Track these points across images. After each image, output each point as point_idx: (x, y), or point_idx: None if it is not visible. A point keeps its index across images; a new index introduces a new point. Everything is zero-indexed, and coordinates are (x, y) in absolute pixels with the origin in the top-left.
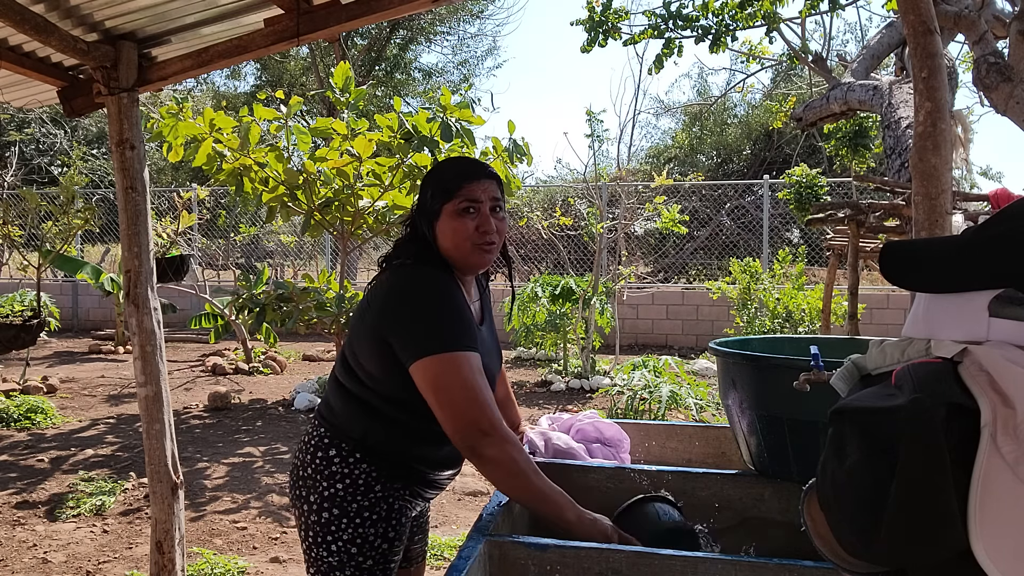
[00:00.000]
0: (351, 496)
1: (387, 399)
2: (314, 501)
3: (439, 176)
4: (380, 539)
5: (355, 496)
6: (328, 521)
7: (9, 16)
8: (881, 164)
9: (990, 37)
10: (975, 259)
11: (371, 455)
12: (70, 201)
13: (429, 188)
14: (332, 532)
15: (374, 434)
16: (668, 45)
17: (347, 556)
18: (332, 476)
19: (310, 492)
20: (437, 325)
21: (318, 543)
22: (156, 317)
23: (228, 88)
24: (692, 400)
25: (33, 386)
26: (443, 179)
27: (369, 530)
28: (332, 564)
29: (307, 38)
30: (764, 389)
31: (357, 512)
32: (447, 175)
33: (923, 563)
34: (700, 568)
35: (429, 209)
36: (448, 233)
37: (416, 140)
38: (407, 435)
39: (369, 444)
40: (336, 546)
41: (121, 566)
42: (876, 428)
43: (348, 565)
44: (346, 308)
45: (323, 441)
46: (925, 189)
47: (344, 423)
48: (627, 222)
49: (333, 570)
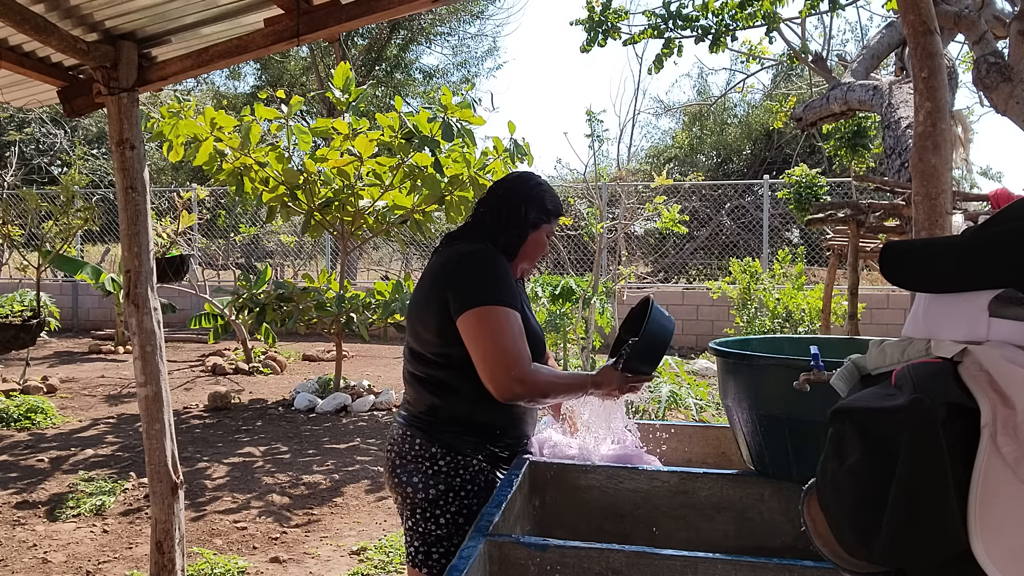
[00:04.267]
0: (452, 471)
1: (446, 366)
2: (419, 482)
3: (549, 200)
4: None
5: (456, 471)
6: (436, 497)
7: (9, 16)
8: (881, 164)
9: (990, 37)
10: (975, 259)
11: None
12: (70, 201)
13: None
14: (441, 506)
15: (444, 409)
16: (668, 45)
17: (455, 527)
18: (433, 457)
19: (412, 474)
20: (487, 282)
21: (427, 518)
22: (156, 317)
23: (228, 88)
24: (692, 400)
25: (33, 386)
26: (550, 205)
27: (473, 500)
28: (440, 535)
29: (307, 38)
30: (764, 389)
31: (461, 485)
32: (553, 202)
33: (923, 563)
34: (700, 568)
35: (529, 220)
36: (536, 244)
37: (417, 140)
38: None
39: (443, 420)
40: (445, 519)
41: (121, 566)
42: (876, 428)
43: (455, 534)
44: (346, 308)
45: (411, 429)
46: (925, 189)
47: (420, 408)
48: (627, 222)
49: (441, 540)
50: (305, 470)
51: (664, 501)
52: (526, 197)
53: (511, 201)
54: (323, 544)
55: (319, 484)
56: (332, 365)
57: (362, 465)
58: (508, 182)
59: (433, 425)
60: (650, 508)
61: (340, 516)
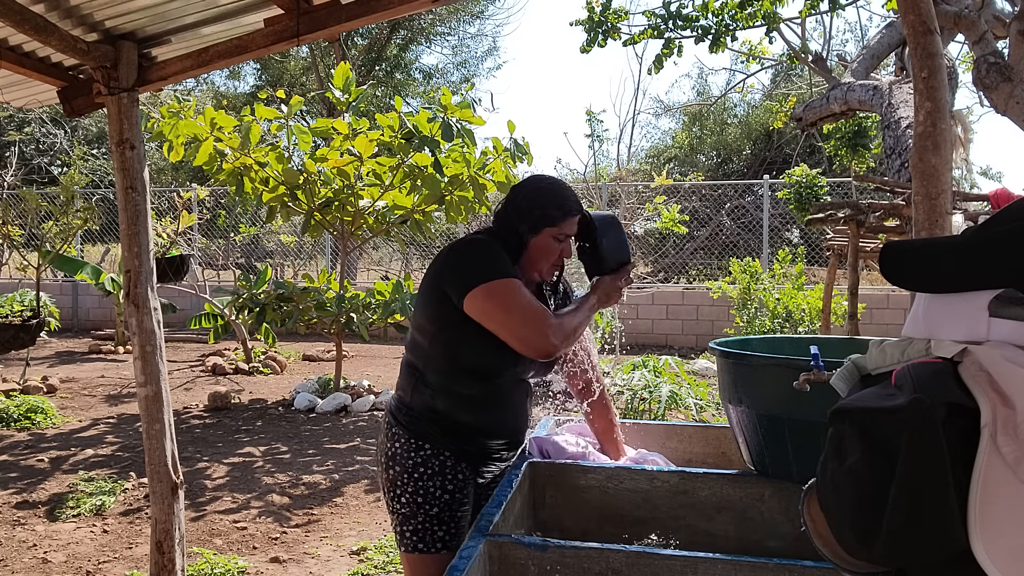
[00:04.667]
0: (405, 454)
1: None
2: (383, 461)
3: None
4: (439, 489)
5: (408, 454)
6: (394, 477)
7: (9, 16)
8: (881, 164)
9: (990, 37)
10: (975, 259)
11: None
12: (70, 201)
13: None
14: (399, 486)
15: (412, 394)
16: (668, 45)
17: (415, 506)
18: (393, 437)
19: (382, 454)
20: (481, 263)
21: (392, 497)
22: (156, 317)
23: (228, 88)
24: (692, 400)
25: (33, 386)
26: (552, 207)
27: (428, 483)
28: (404, 514)
29: (307, 38)
30: (764, 389)
31: (414, 467)
32: (556, 205)
33: (923, 563)
34: (700, 568)
35: (531, 224)
36: (540, 249)
37: (417, 140)
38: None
39: (406, 404)
40: (405, 498)
41: (121, 566)
42: (876, 428)
43: (418, 513)
44: (346, 308)
45: (388, 414)
46: (925, 189)
47: (403, 393)
48: (627, 222)
49: (407, 519)
50: (305, 470)
51: (664, 501)
52: (519, 205)
53: (506, 209)
54: (323, 544)
55: (319, 484)
56: (332, 365)
57: (362, 465)
58: (513, 189)
59: (400, 409)
60: (650, 508)
61: (340, 516)
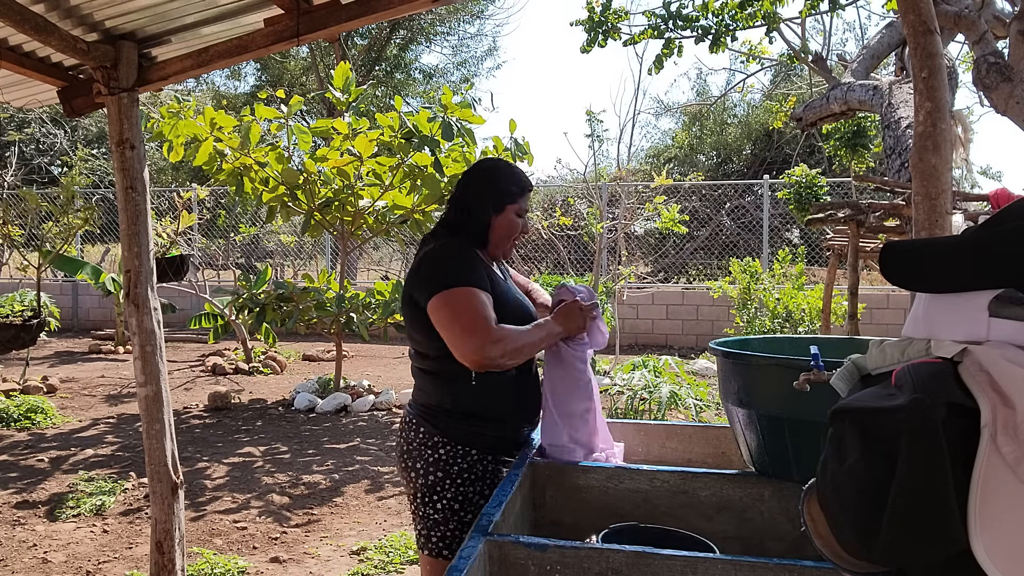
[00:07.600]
0: (451, 460)
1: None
2: (420, 468)
3: (507, 180)
4: (478, 495)
5: (455, 459)
6: (435, 483)
7: (9, 16)
8: (881, 164)
9: (990, 37)
10: (975, 259)
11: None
12: (70, 201)
13: (494, 187)
14: (438, 492)
15: (445, 399)
16: (668, 45)
17: (451, 512)
18: (435, 445)
19: (416, 460)
20: (441, 271)
21: (426, 502)
22: (156, 317)
23: (228, 88)
24: (692, 400)
25: (33, 386)
26: (510, 184)
27: (469, 488)
28: (437, 520)
29: (307, 38)
30: (764, 389)
31: (458, 473)
32: (513, 182)
33: (923, 563)
34: (700, 568)
35: (494, 203)
36: (505, 226)
37: (417, 140)
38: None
39: (444, 410)
40: (442, 504)
41: (121, 566)
42: (876, 428)
43: (451, 519)
44: (346, 308)
45: (416, 419)
46: (925, 189)
47: (426, 398)
48: (627, 222)
49: (437, 524)
50: (305, 470)
51: (664, 501)
52: (477, 188)
53: (464, 193)
54: (323, 544)
55: (319, 484)
56: (332, 365)
57: (362, 465)
58: (465, 174)
59: (435, 415)
60: (650, 508)
61: (340, 516)
